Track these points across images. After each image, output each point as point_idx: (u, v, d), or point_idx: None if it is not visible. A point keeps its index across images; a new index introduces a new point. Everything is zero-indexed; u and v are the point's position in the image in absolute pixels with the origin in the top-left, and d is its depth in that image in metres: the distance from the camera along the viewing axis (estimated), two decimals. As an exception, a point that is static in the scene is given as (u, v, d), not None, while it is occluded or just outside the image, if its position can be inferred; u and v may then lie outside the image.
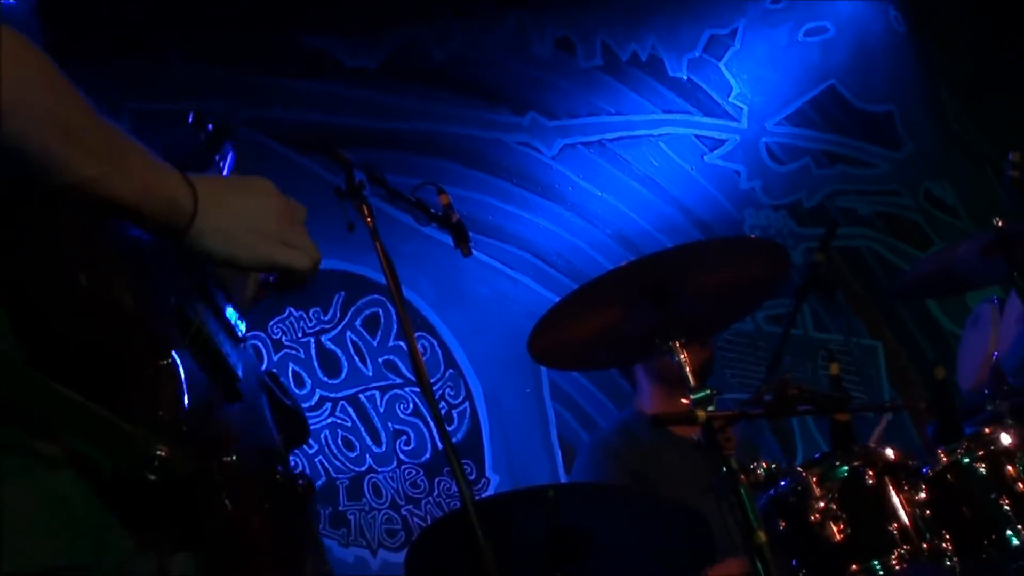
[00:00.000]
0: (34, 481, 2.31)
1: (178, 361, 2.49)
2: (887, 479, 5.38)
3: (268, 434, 2.82)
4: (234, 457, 2.54)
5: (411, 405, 7.61)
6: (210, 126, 3.23)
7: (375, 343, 7.67)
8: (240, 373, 2.74)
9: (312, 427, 7.38)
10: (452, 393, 7.75)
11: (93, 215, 2.45)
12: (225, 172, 3.07)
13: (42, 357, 2.33)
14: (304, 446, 7.35)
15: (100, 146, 2.45)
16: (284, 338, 7.48)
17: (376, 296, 7.66)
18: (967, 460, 5.49)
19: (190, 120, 3.28)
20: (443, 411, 6.37)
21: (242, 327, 2.90)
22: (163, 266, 2.60)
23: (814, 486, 5.35)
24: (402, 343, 7.48)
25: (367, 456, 7.51)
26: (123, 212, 2.48)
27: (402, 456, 7.56)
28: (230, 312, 2.86)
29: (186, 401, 2.46)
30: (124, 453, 2.33)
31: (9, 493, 2.29)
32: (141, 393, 2.40)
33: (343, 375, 7.59)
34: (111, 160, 2.45)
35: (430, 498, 7.52)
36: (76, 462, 2.33)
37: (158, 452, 2.33)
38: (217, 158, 3.13)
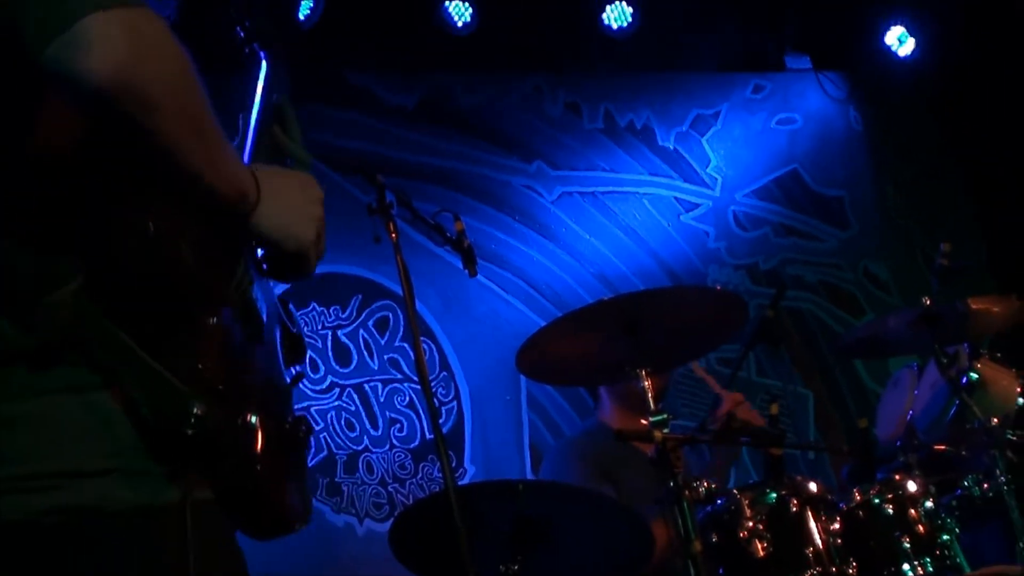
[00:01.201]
0: (88, 403, 2.33)
1: (224, 320, 2.50)
2: (808, 508, 5.39)
3: (280, 374, 2.80)
4: (254, 418, 2.52)
5: (407, 398, 7.60)
6: (247, 21, 3.13)
7: (383, 342, 7.66)
8: (264, 315, 2.73)
9: (320, 407, 7.39)
10: (443, 392, 7.75)
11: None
12: (260, 88, 2.99)
13: (108, 298, 2.33)
14: (311, 423, 7.33)
15: (212, 144, 2.44)
16: (306, 328, 7.46)
17: (388, 302, 7.64)
18: (877, 500, 5.52)
19: (240, 33, 3.19)
20: (435, 405, 6.32)
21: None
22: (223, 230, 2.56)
23: (746, 507, 5.36)
24: (406, 344, 7.49)
25: (365, 437, 7.50)
26: (207, 198, 2.46)
27: (394, 441, 7.54)
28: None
29: (225, 358, 2.46)
30: (167, 407, 2.34)
31: (67, 408, 2.32)
32: (190, 347, 2.40)
33: (352, 366, 7.58)
34: (216, 158, 2.46)
35: (414, 480, 7.50)
36: (126, 406, 2.34)
37: (196, 411, 2.34)
38: (254, 71, 3.03)
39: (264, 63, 3.05)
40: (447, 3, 7.98)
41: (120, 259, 2.35)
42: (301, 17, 7.52)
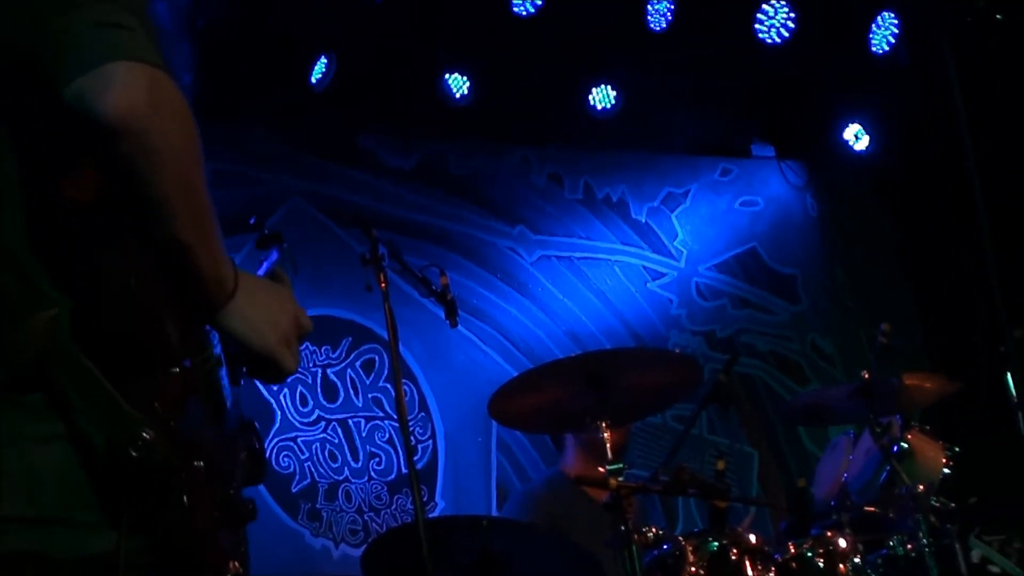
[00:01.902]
0: (20, 452, 2.31)
1: (187, 372, 2.45)
2: (746, 558, 5.40)
3: (235, 461, 2.75)
4: (202, 464, 2.46)
5: (387, 434, 7.58)
6: (267, 230, 3.19)
7: (368, 382, 7.65)
8: (229, 404, 2.68)
9: (306, 438, 7.36)
10: (420, 431, 7.73)
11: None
12: (263, 268, 3.01)
13: (80, 333, 2.30)
14: (295, 453, 7.32)
15: (202, 219, 2.43)
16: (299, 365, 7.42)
17: (375, 345, 7.63)
18: (810, 554, 5.53)
19: (251, 222, 3.26)
20: (411, 443, 6.31)
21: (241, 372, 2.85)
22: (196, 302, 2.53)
23: (689, 553, 5.36)
24: (389, 385, 7.46)
25: (345, 468, 7.47)
26: (185, 270, 2.44)
27: (373, 473, 7.52)
28: None
29: (180, 407, 2.41)
30: (118, 427, 2.29)
31: (15, 457, 2.31)
32: (149, 387, 2.36)
33: (339, 402, 7.56)
34: (204, 234, 2.43)
35: (389, 510, 7.48)
36: (73, 438, 2.31)
37: (144, 434, 2.29)
38: (262, 257, 3.08)
39: (274, 255, 3.10)
40: (447, 76, 7.99)
41: (97, 302, 2.34)
42: (314, 80, 7.53)
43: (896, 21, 8.69)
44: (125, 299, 2.37)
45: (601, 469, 5.30)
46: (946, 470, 6.23)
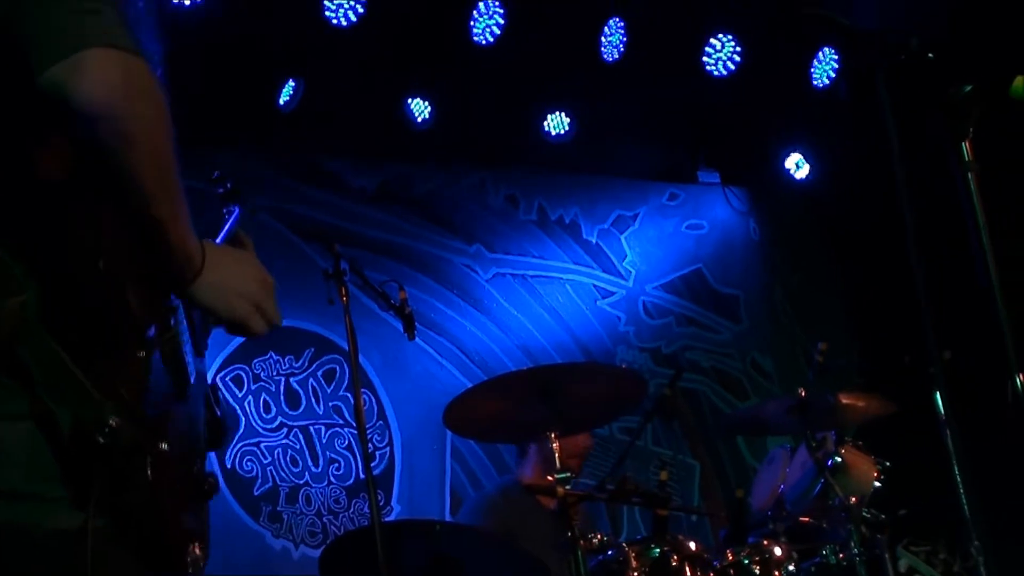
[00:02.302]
0: (13, 432, 2.31)
1: (150, 357, 2.46)
2: (686, 564, 5.41)
3: (197, 435, 2.75)
4: (166, 446, 2.46)
5: (346, 441, 7.56)
6: (229, 184, 3.21)
7: (329, 390, 7.63)
8: (192, 379, 2.69)
9: (269, 444, 7.33)
10: (379, 438, 7.71)
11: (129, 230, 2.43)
12: (227, 226, 3.02)
13: (51, 315, 2.31)
14: (258, 457, 7.30)
15: (173, 196, 2.46)
16: (263, 374, 7.43)
17: (336, 356, 7.62)
18: (746, 561, 5.54)
19: (215, 175, 3.28)
20: (370, 450, 6.30)
21: (205, 342, 2.85)
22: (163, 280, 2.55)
23: (632, 559, 5.37)
24: (349, 394, 7.43)
25: (306, 473, 7.45)
26: (157, 248, 2.46)
27: (332, 478, 7.50)
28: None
29: (145, 390, 2.42)
30: (86, 415, 2.30)
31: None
32: (115, 372, 2.36)
33: (301, 409, 7.54)
34: (175, 211, 2.46)
35: (347, 513, 7.46)
36: (40, 418, 2.31)
37: (111, 421, 2.29)
38: (224, 212, 3.09)
39: (236, 212, 3.13)
40: (409, 101, 7.99)
41: (68, 285, 2.34)
42: (281, 102, 7.51)
43: (836, 57, 8.73)
44: (94, 282, 2.36)
45: (550, 478, 5.30)
46: (877, 483, 6.26)
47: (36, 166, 2.40)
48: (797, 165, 9.47)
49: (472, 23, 7.72)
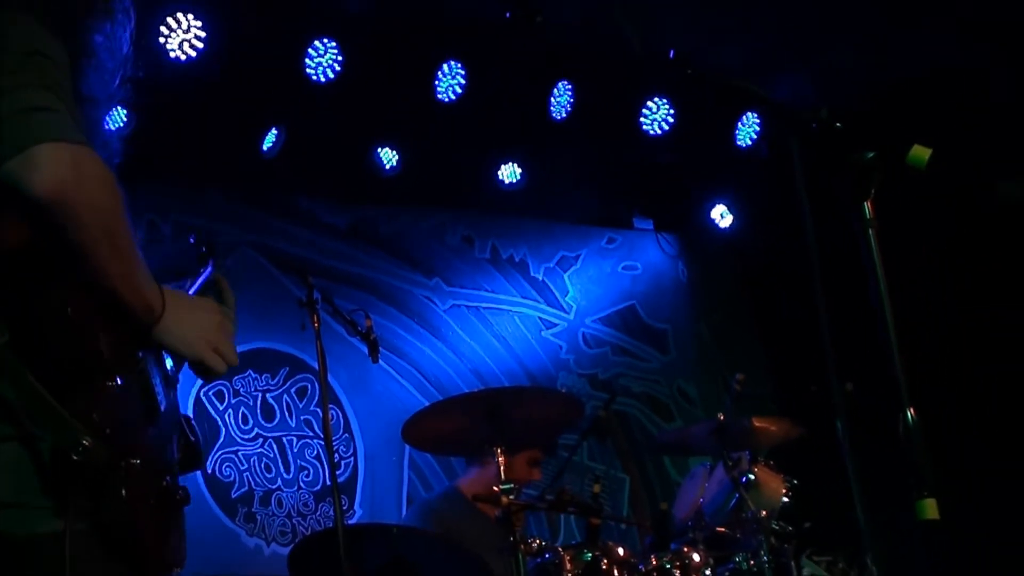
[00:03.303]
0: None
1: (121, 386, 2.49)
2: (615, 567, 5.39)
3: (170, 454, 2.76)
4: (137, 461, 2.48)
5: (315, 451, 7.53)
6: (204, 248, 3.21)
7: (300, 406, 7.60)
8: (164, 407, 2.71)
9: (246, 452, 7.29)
10: (344, 449, 7.68)
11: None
12: (199, 280, 3.04)
13: (27, 355, 2.35)
14: (236, 464, 7.25)
15: (127, 265, 2.48)
16: (242, 389, 7.39)
17: (308, 375, 7.59)
18: (668, 566, 5.53)
19: (191, 240, 3.29)
20: (335, 460, 6.27)
21: (177, 377, 2.86)
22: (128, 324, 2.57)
23: (567, 562, 5.35)
24: (319, 409, 7.40)
25: (278, 479, 7.41)
26: (118, 302, 2.49)
27: (302, 484, 7.47)
28: (169, 362, 2.80)
29: (116, 415, 2.44)
30: (61, 436, 2.33)
31: None
32: (87, 400, 2.39)
33: (275, 422, 7.50)
34: (129, 275, 2.49)
35: (314, 515, 7.42)
36: (24, 440, 2.35)
37: (84, 441, 2.33)
38: (200, 268, 3.10)
39: (211, 267, 3.10)
40: (378, 150, 8.00)
41: (40, 330, 2.38)
42: (265, 148, 7.51)
43: (758, 121, 8.81)
44: (64, 326, 2.40)
45: (495, 488, 5.30)
46: (785, 499, 6.27)
47: (2, 237, 2.41)
48: (721, 215, 9.53)
49: (436, 82, 7.74)
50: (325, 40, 7.31)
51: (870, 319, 2.56)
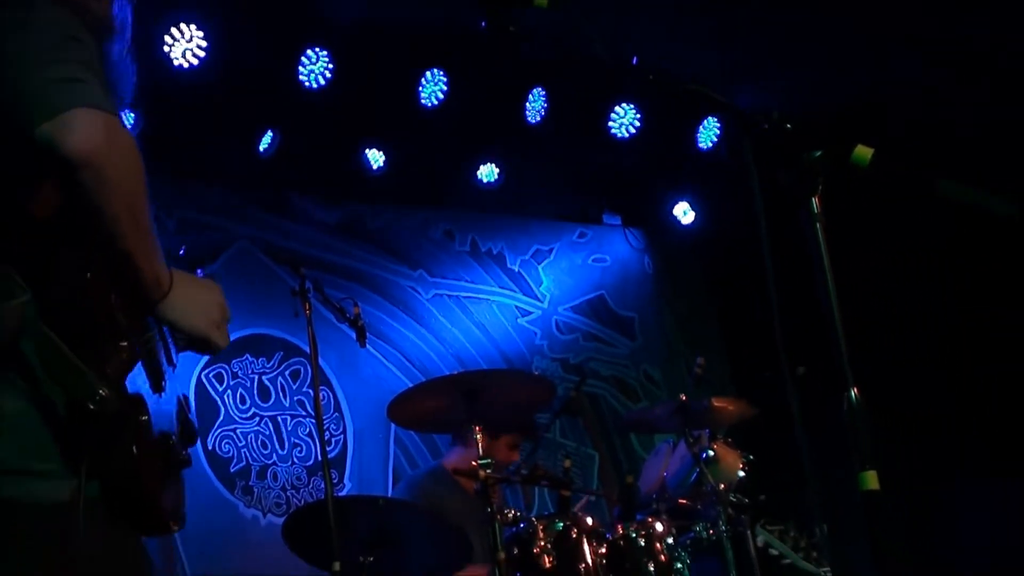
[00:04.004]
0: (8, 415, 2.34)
1: (131, 349, 2.50)
2: (584, 536, 5.41)
3: (171, 424, 2.76)
4: (146, 419, 2.50)
5: (308, 429, 7.53)
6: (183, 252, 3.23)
7: (294, 387, 7.59)
8: (169, 378, 2.73)
9: (244, 430, 7.29)
10: (335, 427, 7.68)
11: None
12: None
13: (47, 313, 2.35)
14: (235, 441, 7.24)
15: (144, 233, 2.46)
16: (240, 372, 7.38)
17: (301, 359, 7.58)
18: (634, 535, 5.55)
19: (181, 253, 3.28)
20: (326, 437, 6.27)
21: (175, 354, 2.85)
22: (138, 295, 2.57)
23: (540, 531, 5.37)
24: (311, 391, 7.33)
25: (274, 454, 7.40)
26: (129, 272, 2.48)
27: (295, 459, 7.46)
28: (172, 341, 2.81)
29: (127, 372, 2.47)
30: (80, 385, 2.33)
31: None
32: (102, 356, 2.40)
33: (271, 402, 7.49)
34: (145, 246, 2.47)
35: (307, 488, 7.42)
36: (39, 397, 2.35)
37: (100, 391, 2.33)
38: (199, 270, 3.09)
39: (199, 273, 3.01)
40: (366, 151, 7.99)
41: (60, 290, 2.38)
42: (261, 149, 7.50)
43: (718, 125, 8.83)
44: (82, 289, 2.41)
45: (474, 463, 5.31)
46: (742, 473, 6.29)
47: (33, 206, 2.44)
48: (684, 212, 9.54)
49: (420, 89, 7.75)
50: (317, 49, 7.32)
51: (820, 307, 2.57)
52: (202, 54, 6.83)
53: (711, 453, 6.24)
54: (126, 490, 2.46)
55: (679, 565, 5.52)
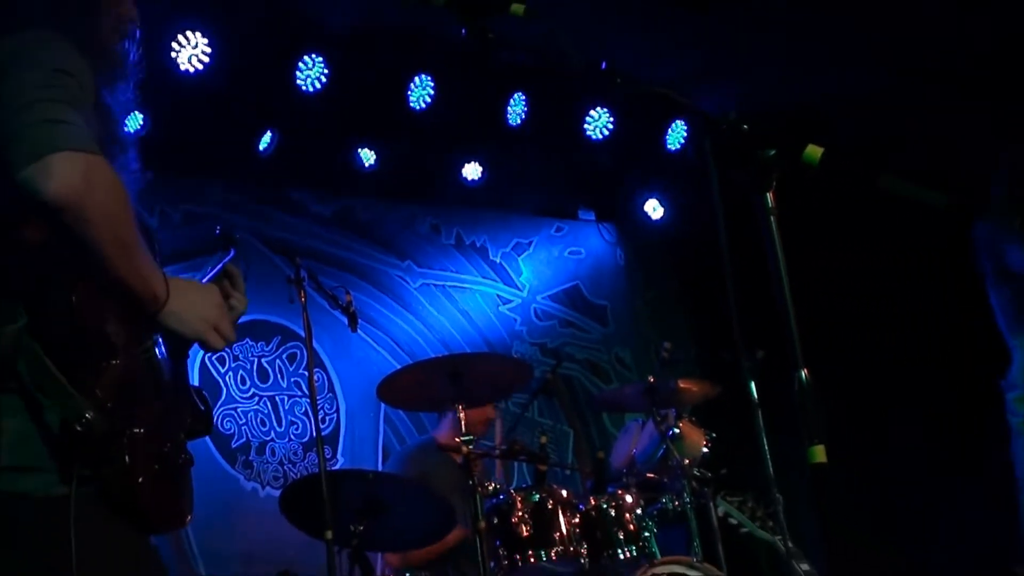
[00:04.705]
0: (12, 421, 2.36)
1: (126, 365, 2.47)
2: (559, 507, 5.42)
3: (176, 424, 2.73)
4: (141, 431, 2.46)
5: (303, 408, 7.53)
6: (225, 238, 3.20)
7: (291, 369, 7.59)
8: (169, 383, 2.71)
9: (244, 408, 7.28)
10: (328, 407, 7.68)
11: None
12: (219, 265, 3.01)
13: (40, 338, 2.35)
14: (236, 419, 7.24)
15: (133, 259, 2.44)
16: (240, 355, 7.38)
17: (297, 343, 7.58)
18: (605, 506, 5.55)
19: (217, 232, 3.26)
20: (320, 415, 6.27)
21: (187, 351, 2.84)
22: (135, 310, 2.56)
23: (518, 502, 5.38)
24: (306, 373, 7.31)
25: (272, 431, 7.41)
26: (124, 292, 2.47)
27: (292, 436, 7.47)
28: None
29: (119, 391, 2.43)
30: (67, 409, 2.32)
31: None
32: (91, 377, 2.38)
33: (269, 383, 7.49)
34: (135, 268, 2.45)
35: (302, 463, 7.42)
36: (34, 413, 2.35)
37: (86, 415, 2.32)
38: (220, 253, 3.07)
39: (231, 254, 3.10)
40: (359, 150, 7.99)
41: (51, 315, 2.38)
42: (261, 147, 7.50)
43: (685, 128, 8.85)
44: (69, 312, 2.39)
45: (458, 439, 5.32)
46: (705, 449, 6.31)
47: (25, 232, 2.42)
48: (654, 208, 9.55)
49: (409, 93, 7.74)
50: (313, 55, 7.32)
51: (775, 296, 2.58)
52: (207, 59, 6.83)
53: (677, 431, 6.26)
54: (121, 498, 2.45)
55: (647, 534, 5.54)
